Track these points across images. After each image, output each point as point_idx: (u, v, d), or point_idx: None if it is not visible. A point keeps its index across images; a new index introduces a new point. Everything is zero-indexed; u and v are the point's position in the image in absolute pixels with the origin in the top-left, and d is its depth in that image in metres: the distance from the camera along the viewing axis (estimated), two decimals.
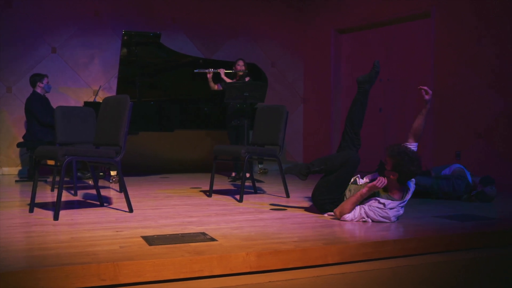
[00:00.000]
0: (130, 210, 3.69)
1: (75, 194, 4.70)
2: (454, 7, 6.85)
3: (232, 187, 5.60)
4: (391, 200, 3.37)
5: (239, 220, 3.41)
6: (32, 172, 6.34)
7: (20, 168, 7.25)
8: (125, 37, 6.44)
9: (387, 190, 3.41)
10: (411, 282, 2.69)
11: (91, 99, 7.30)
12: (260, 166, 7.76)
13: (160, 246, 2.58)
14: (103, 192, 4.74)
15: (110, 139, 3.75)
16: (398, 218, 3.42)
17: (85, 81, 7.59)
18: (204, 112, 6.80)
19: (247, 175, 6.55)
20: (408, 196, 3.43)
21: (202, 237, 2.82)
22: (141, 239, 2.74)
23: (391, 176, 3.35)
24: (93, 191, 4.85)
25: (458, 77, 6.85)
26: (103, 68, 7.65)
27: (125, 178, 6.51)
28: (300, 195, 4.81)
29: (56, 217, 3.32)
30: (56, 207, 3.34)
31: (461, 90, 6.81)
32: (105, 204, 4.03)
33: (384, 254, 2.79)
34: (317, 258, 2.60)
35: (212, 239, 2.75)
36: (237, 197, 4.50)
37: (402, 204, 3.40)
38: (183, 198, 4.62)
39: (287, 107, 8.85)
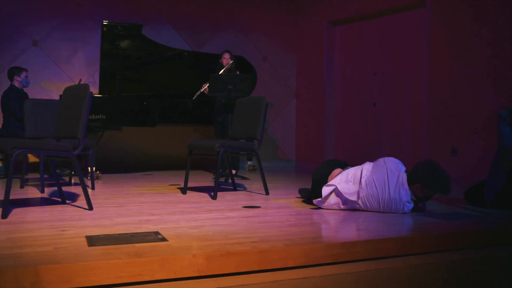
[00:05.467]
0: (90, 207, 3.42)
1: (42, 191, 4.45)
2: None
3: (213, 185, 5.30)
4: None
5: (202, 218, 3.14)
6: (7, 169, 6.10)
7: (0, 164, 7.01)
8: (105, 28, 6.17)
9: None
10: (382, 287, 2.42)
11: None
12: (249, 163, 7.50)
13: (100, 247, 2.31)
14: (78, 190, 4.49)
15: (69, 132, 3.48)
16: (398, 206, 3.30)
17: (68, 75, 7.33)
18: (188, 106, 6.53)
19: (233, 171, 6.31)
20: (412, 204, 3.35)
21: (153, 237, 2.55)
22: (84, 239, 2.48)
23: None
24: (66, 189, 4.60)
25: (453, 70, 6.54)
26: (86, 61, 7.39)
27: (107, 175, 6.30)
28: (282, 193, 4.53)
29: (4, 215, 3.06)
30: (4, 205, 3.08)
31: (456, 84, 6.51)
32: (67, 202, 3.77)
33: (355, 256, 2.51)
34: (276, 260, 2.32)
35: (163, 239, 2.48)
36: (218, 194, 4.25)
37: (408, 199, 3.30)
38: (156, 195, 4.35)
39: (279, 102, 8.68)
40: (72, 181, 5.35)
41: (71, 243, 2.39)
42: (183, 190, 4.46)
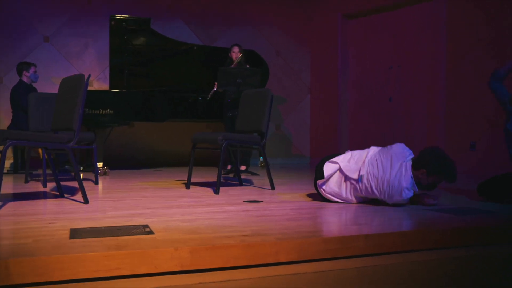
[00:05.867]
0: (86, 201, 3.33)
1: (45, 186, 4.38)
2: None
3: (222, 180, 5.18)
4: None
5: (198, 212, 3.01)
6: (16, 164, 6.08)
7: (12, 161, 7.00)
8: (113, 22, 6.12)
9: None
10: (382, 285, 2.26)
11: None
12: (261, 159, 7.34)
13: (81, 239, 2.20)
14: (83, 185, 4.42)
15: (65, 124, 3.40)
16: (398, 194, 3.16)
17: (79, 71, 7.28)
18: (198, 102, 6.42)
19: (243, 167, 6.18)
20: (411, 192, 3.19)
21: (140, 230, 2.43)
22: (68, 232, 2.37)
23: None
24: (71, 184, 4.55)
25: (472, 61, 6.30)
26: (97, 57, 7.35)
27: (117, 171, 6.23)
28: (289, 188, 4.39)
29: None
30: None
31: (475, 76, 6.27)
32: (66, 196, 3.68)
33: (353, 252, 2.35)
34: (266, 255, 2.18)
35: (150, 232, 2.36)
36: (221, 189, 4.13)
37: (408, 186, 3.15)
38: (159, 190, 4.25)
39: (293, 98, 8.52)
40: (82, 175, 5.29)
41: (53, 236, 2.28)
42: (187, 185, 4.34)
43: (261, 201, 3.53)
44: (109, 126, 5.94)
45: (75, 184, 4.59)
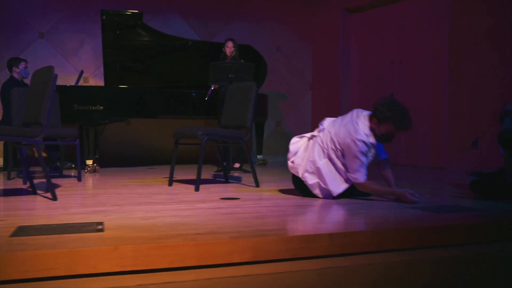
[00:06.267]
0: (54, 198, 3.20)
1: (25, 183, 4.27)
2: None
3: (211, 177, 5.04)
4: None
5: (166, 209, 2.86)
6: (6, 161, 6.00)
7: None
8: (104, 17, 5.99)
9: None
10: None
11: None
12: (259, 157, 7.18)
13: (20, 237, 2.06)
14: (66, 182, 4.30)
15: (35, 117, 3.28)
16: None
17: (75, 67, 7.20)
18: (192, 98, 6.27)
19: (237, 165, 6.03)
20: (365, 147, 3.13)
21: (93, 227, 2.29)
22: (13, 229, 2.24)
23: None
24: (58, 181, 4.43)
25: (476, 57, 6.07)
26: (94, 53, 7.25)
27: (109, 169, 6.12)
28: (276, 186, 4.22)
29: None
30: None
31: (479, 72, 6.03)
32: (38, 192, 3.56)
33: (317, 252, 2.18)
34: (218, 255, 2.02)
35: (100, 230, 2.22)
36: (203, 186, 3.99)
37: (366, 132, 3.15)
38: (139, 187, 4.11)
39: (294, 94, 8.32)
40: (72, 173, 5.18)
41: None
42: (169, 182, 4.20)
43: (238, 198, 3.37)
44: (100, 122, 5.81)
45: (59, 181, 4.49)
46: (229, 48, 6.12)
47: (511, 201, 3.24)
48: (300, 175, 3.33)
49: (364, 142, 3.11)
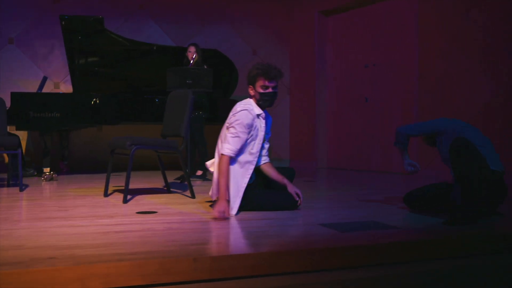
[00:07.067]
0: None
1: None
2: None
3: (161, 187, 4.90)
4: None
5: (59, 226, 2.74)
6: None
7: None
8: (63, 23, 5.91)
9: None
10: None
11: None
12: None
13: None
14: (4, 192, 4.23)
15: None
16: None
17: (45, 73, 7.13)
18: (155, 103, 6.15)
19: (199, 172, 5.90)
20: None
21: None
22: None
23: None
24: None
25: (444, 57, 5.87)
26: (64, 58, 7.14)
27: (74, 176, 6.02)
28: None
29: None
30: None
31: (447, 74, 5.84)
32: None
33: (176, 278, 2.04)
34: (64, 282, 1.89)
35: None
36: (138, 197, 3.89)
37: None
38: (73, 198, 4.00)
39: None
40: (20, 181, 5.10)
41: None
42: (105, 193, 4.08)
43: (155, 212, 3.24)
44: (57, 129, 5.74)
45: (2, 190, 4.41)
46: (191, 53, 6.00)
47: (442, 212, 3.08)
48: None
49: (245, 110, 3.13)
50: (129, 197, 3.85)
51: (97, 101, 5.72)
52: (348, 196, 4.31)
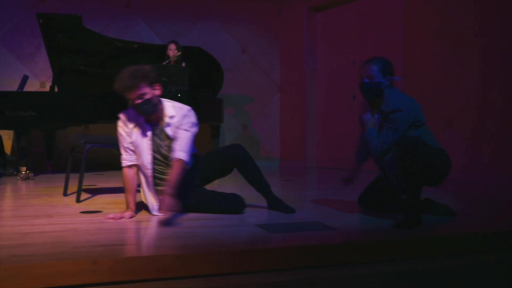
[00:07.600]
0: None
1: None
2: None
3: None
4: None
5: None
6: None
7: None
8: (41, 21, 5.86)
9: None
10: None
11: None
12: None
13: None
14: None
15: None
16: None
17: (32, 73, 7.14)
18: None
19: None
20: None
21: None
22: None
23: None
24: None
25: (426, 54, 5.71)
26: None
27: (58, 175, 5.96)
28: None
29: None
30: None
31: (432, 70, 5.67)
32: None
33: (77, 281, 1.95)
34: None
35: None
36: (99, 196, 3.84)
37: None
38: (33, 197, 3.94)
39: (262, 97, 8.03)
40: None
41: None
42: (64, 192, 4.02)
43: (101, 212, 3.16)
44: (34, 128, 5.70)
45: None
46: (172, 50, 5.95)
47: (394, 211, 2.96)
48: None
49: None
50: (88, 196, 3.78)
51: (74, 100, 5.67)
52: (308, 196, 4.19)
